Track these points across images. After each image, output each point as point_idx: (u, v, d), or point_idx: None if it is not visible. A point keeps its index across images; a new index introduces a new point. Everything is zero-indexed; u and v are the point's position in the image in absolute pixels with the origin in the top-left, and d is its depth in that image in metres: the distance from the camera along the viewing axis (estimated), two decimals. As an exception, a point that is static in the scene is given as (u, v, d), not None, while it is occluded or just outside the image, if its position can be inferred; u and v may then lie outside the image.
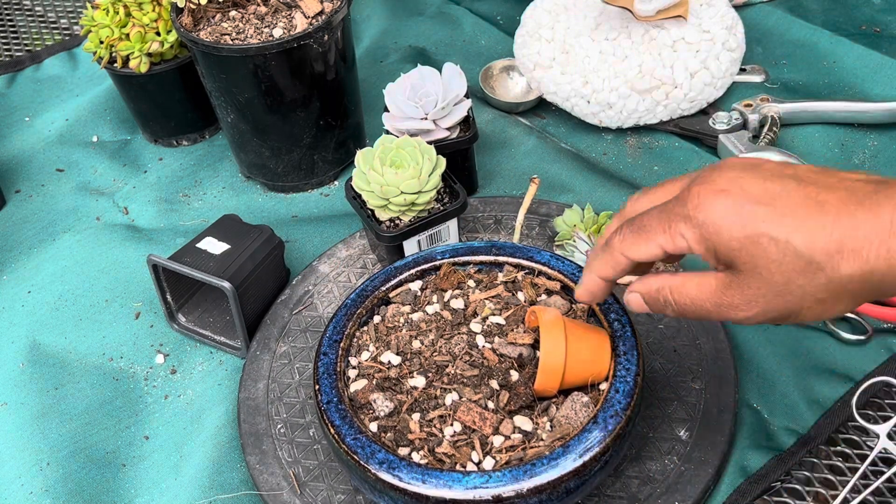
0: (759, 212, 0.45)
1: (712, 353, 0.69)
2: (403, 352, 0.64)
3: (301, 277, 0.80)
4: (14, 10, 1.29)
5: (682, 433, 0.64)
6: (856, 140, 0.89)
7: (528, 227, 0.81)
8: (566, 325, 0.58)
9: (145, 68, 0.91)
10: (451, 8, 1.18)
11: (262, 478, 0.66)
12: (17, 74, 1.14)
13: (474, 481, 0.54)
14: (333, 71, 0.86)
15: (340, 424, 0.58)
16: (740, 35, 0.94)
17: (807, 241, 0.44)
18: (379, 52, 1.12)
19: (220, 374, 0.76)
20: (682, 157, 0.91)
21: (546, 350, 0.57)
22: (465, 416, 0.58)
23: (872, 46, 0.98)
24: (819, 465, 0.64)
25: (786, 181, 0.46)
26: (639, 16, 0.88)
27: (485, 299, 0.66)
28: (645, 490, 0.61)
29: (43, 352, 0.79)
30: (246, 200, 0.93)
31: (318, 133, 0.89)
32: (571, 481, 0.54)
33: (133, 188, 0.96)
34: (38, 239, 0.91)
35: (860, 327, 0.71)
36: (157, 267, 0.75)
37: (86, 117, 1.06)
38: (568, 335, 0.57)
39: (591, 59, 0.90)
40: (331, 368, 0.62)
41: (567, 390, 0.59)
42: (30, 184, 0.98)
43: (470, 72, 0.94)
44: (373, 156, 0.76)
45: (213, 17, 0.88)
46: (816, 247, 0.44)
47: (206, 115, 0.99)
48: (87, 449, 0.71)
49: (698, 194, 0.47)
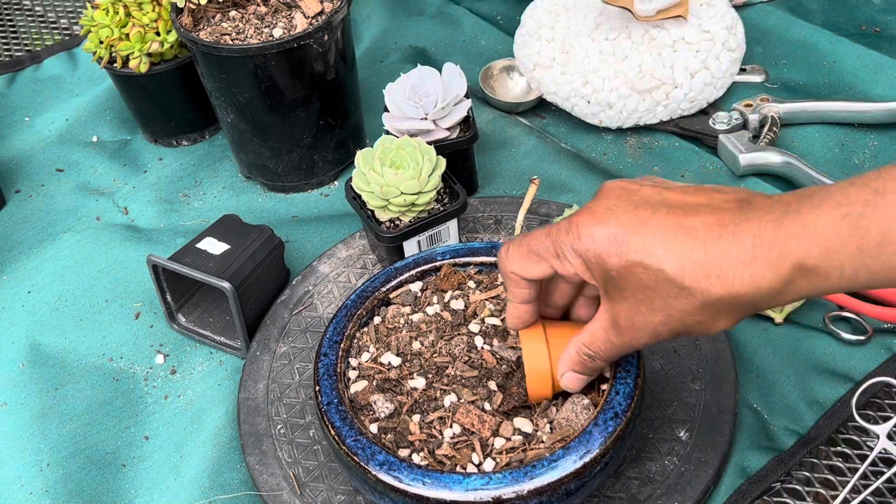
0: (632, 242, 0.48)
1: (712, 353, 0.69)
2: (403, 353, 0.64)
3: (301, 278, 0.80)
4: (14, 10, 1.29)
5: (682, 434, 0.64)
6: (856, 140, 0.89)
7: (528, 227, 0.81)
8: (546, 327, 0.58)
9: (145, 68, 0.91)
10: (451, 8, 1.18)
11: (262, 478, 0.66)
12: (16, 74, 1.14)
13: (474, 483, 0.54)
14: (333, 71, 0.86)
15: (341, 426, 0.58)
16: (740, 35, 0.94)
17: (677, 268, 0.46)
18: (379, 52, 1.12)
19: (220, 375, 0.76)
20: (682, 157, 0.91)
21: (528, 355, 0.57)
22: (464, 419, 0.58)
23: (872, 46, 0.98)
24: (819, 466, 0.64)
25: (656, 208, 0.48)
26: (639, 16, 0.88)
27: (485, 300, 0.66)
28: (645, 491, 0.61)
29: (43, 352, 0.79)
30: (246, 200, 0.93)
31: (318, 133, 0.89)
32: (572, 483, 0.54)
33: (133, 188, 0.96)
34: (37, 239, 0.91)
35: (860, 327, 0.71)
36: (156, 267, 0.75)
37: (86, 117, 1.06)
38: (549, 336, 0.57)
39: (591, 59, 0.90)
40: (331, 369, 0.62)
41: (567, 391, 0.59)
42: (30, 184, 0.98)
43: (470, 72, 0.94)
44: (373, 156, 0.76)
45: (213, 17, 0.88)
46: (686, 273, 0.46)
47: (206, 115, 0.99)
48: (87, 449, 0.71)
49: (578, 225, 0.50)
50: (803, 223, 0.43)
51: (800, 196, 0.45)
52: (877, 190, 0.42)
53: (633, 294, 0.49)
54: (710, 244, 0.46)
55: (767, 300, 0.46)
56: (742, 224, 0.45)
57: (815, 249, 0.43)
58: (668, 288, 0.47)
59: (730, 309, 0.47)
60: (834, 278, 0.43)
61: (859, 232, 0.42)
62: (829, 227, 0.43)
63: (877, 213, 0.42)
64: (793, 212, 0.44)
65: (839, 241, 0.42)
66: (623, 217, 0.48)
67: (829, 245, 0.43)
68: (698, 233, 0.46)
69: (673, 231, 0.47)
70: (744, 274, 0.45)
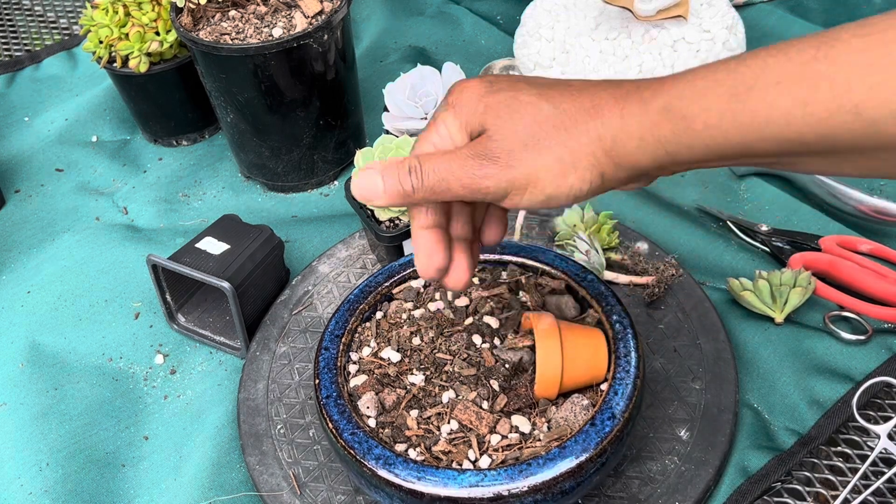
0: (506, 85, 0.48)
1: (712, 353, 0.69)
2: (403, 348, 0.64)
3: (301, 277, 0.80)
4: (14, 10, 1.29)
5: (682, 433, 0.64)
6: (856, 140, 0.89)
7: (528, 227, 0.81)
8: (562, 330, 0.58)
9: (145, 68, 0.91)
10: (451, 8, 1.18)
11: (261, 478, 0.66)
12: (16, 74, 1.14)
13: (470, 479, 0.54)
14: (333, 71, 0.86)
15: (339, 419, 0.58)
16: (741, 35, 0.94)
17: (549, 101, 0.47)
18: (379, 52, 1.12)
19: (219, 375, 0.76)
20: (682, 156, 0.91)
21: (542, 359, 0.57)
22: (462, 415, 0.58)
23: (873, 46, 0.98)
24: (819, 466, 0.64)
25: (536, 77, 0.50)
26: (639, 15, 0.88)
27: (487, 297, 0.66)
28: (645, 490, 0.61)
29: (42, 352, 0.79)
30: (246, 200, 0.93)
31: (318, 133, 0.89)
32: (567, 482, 0.54)
33: (133, 188, 0.96)
34: (37, 239, 0.91)
35: (860, 327, 0.71)
36: (156, 267, 0.75)
37: (85, 117, 1.06)
38: (564, 342, 0.57)
39: (592, 58, 0.90)
40: (331, 363, 0.62)
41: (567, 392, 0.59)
42: (29, 184, 0.98)
43: (470, 71, 0.94)
44: (372, 156, 0.76)
45: (213, 17, 0.88)
46: (558, 106, 0.46)
47: (205, 115, 0.99)
48: (87, 449, 0.71)
49: (454, 85, 0.50)
50: (680, 79, 0.44)
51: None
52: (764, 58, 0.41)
53: (496, 124, 0.47)
54: (588, 88, 0.47)
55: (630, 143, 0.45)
56: (620, 83, 0.46)
57: (686, 92, 0.43)
58: (536, 115, 0.46)
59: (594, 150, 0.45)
60: (699, 124, 0.42)
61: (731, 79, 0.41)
62: (703, 80, 0.43)
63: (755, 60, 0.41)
64: (673, 76, 0.44)
65: (708, 86, 0.42)
66: (499, 77, 0.50)
67: (698, 89, 0.42)
68: (574, 84, 0.48)
69: (550, 84, 0.48)
70: (614, 107, 0.45)
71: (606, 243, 0.77)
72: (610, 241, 0.77)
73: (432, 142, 0.50)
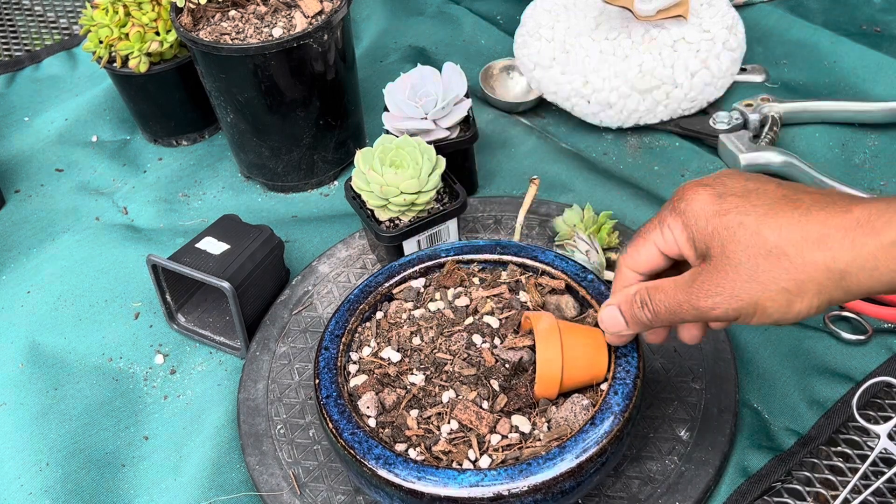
0: (734, 201, 0.48)
1: (713, 353, 0.69)
2: (404, 348, 0.64)
3: (301, 278, 0.80)
4: (14, 10, 1.29)
5: (682, 433, 0.64)
6: (856, 140, 0.89)
7: (528, 227, 0.81)
8: (562, 330, 0.58)
9: (145, 68, 0.91)
10: (451, 8, 1.18)
11: (261, 478, 0.65)
12: (16, 74, 1.14)
13: (470, 479, 0.54)
14: (333, 71, 0.86)
15: (339, 419, 0.58)
16: (741, 35, 0.94)
17: (775, 229, 0.46)
18: (379, 52, 1.12)
19: (219, 375, 0.76)
20: (682, 156, 0.91)
21: (542, 360, 0.57)
22: (462, 415, 0.58)
23: (873, 46, 0.98)
24: (819, 466, 0.64)
25: (766, 182, 0.49)
26: (639, 15, 0.88)
27: (487, 298, 0.66)
28: (645, 490, 0.61)
29: (42, 352, 0.79)
30: (246, 200, 0.93)
31: (317, 133, 0.89)
32: (567, 482, 0.54)
33: (132, 188, 0.96)
34: (37, 239, 0.91)
35: (860, 327, 0.71)
36: (156, 267, 0.75)
37: (85, 117, 1.06)
38: (564, 342, 0.57)
39: (592, 58, 0.90)
40: (331, 363, 0.62)
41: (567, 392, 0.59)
42: (29, 184, 0.98)
43: (470, 72, 0.94)
44: (372, 156, 0.76)
45: (213, 17, 0.88)
46: (783, 235, 0.46)
47: (205, 114, 0.99)
48: (87, 449, 0.71)
49: (684, 189, 0.51)
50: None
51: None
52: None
53: (723, 251, 0.48)
54: (812, 213, 0.46)
55: (861, 274, 0.45)
56: (851, 204, 0.45)
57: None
58: (762, 246, 0.46)
59: (821, 278, 0.46)
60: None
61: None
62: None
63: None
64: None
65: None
66: (730, 183, 0.50)
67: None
68: (802, 204, 0.46)
69: (778, 200, 0.47)
70: (844, 239, 0.44)
71: (606, 243, 0.77)
72: (610, 241, 0.77)
73: (654, 241, 0.53)
